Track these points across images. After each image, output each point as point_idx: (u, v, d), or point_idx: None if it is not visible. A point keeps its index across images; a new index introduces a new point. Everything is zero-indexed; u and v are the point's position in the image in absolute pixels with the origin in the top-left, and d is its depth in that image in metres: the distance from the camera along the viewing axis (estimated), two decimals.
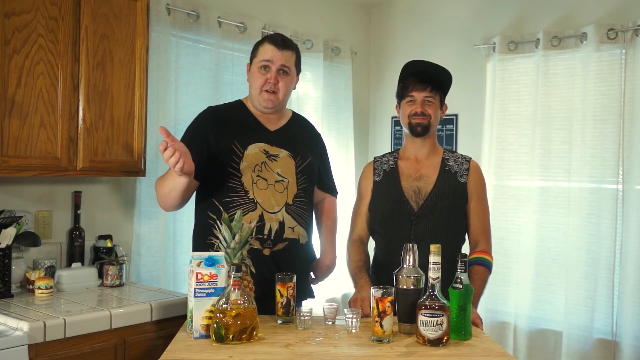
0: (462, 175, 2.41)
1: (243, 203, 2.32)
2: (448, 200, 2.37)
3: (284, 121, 2.54)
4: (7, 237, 2.45)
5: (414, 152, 2.48)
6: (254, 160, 2.38)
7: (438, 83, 2.41)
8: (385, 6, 4.54)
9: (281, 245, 2.37)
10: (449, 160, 2.45)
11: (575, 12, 3.65)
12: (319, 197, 2.64)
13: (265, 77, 2.40)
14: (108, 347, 2.26)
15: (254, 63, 2.44)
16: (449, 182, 2.39)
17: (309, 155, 2.52)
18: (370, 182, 2.51)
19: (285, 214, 2.39)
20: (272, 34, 2.54)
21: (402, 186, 2.41)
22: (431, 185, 2.39)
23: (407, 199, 2.39)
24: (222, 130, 2.40)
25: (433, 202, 2.36)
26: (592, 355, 3.50)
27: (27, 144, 2.40)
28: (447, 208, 2.37)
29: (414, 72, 2.43)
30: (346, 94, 4.29)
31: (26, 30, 2.38)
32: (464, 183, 2.40)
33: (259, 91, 2.42)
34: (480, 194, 2.45)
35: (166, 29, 3.15)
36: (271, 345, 1.88)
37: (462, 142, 4.11)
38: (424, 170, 2.43)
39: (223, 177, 2.35)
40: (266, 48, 2.41)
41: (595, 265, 3.49)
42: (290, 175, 2.44)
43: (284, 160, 2.44)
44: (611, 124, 3.47)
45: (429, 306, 1.88)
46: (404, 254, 2.02)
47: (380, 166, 2.52)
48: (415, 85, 2.39)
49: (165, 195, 2.31)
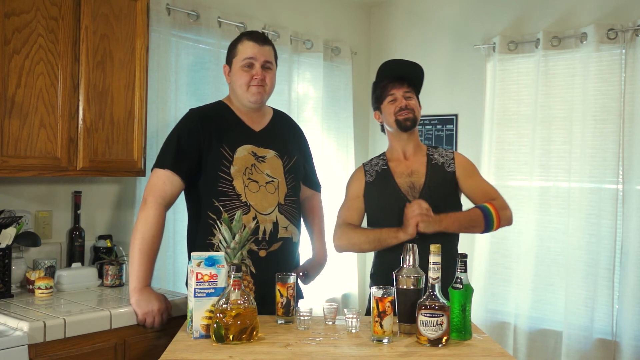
0: (449, 165, 2.49)
1: (236, 207, 2.33)
2: (441, 189, 2.44)
3: (267, 120, 2.55)
4: (7, 237, 2.45)
5: (401, 149, 2.53)
6: (244, 164, 2.38)
7: (413, 79, 2.53)
8: (385, 6, 4.54)
9: (276, 245, 2.39)
10: (434, 155, 2.53)
11: (575, 12, 3.65)
12: (304, 193, 2.66)
13: (250, 74, 2.40)
14: (108, 347, 2.26)
15: (236, 62, 2.44)
16: (438, 174, 2.47)
17: (294, 153, 2.55)
18: (361, 183, 2.53)
19: (279, 214, 2.41)
20: (248, 31, 2.55)
21: (398, 183, 2.46)
22: (423, 179, 2.45)
23: (404, 194, 2.44)
24: (211, 132, 2.39)
25: (428, 193, 2.41)
26: (592, 356, 3.50)
27: (27, 144, 2.40)
28: (441, 197, 2.42)
29: (390, 72, 2.54)
30: (346, 94, 4.28)
31: (26, 30, 2.37)
32: (452, 172, 2.48)
33: (245, 88, 2.42)
34: (472, 172, 2.53)
35: (166, 29, 3.15)
36: (271, 345, 1.88)
37: (462, 142, 4.11)
38: (414, 167, 2.49)
39: (214, 181, 2.35)
40: (247, 45, 2.42)
41: (595, 265, 3.49)
42: (279, 175, 2.45)
43: (271, 160, 2.45)
44: (611, 124, 3.47)
45: (429, 306, 1.88)
46: (404, 254, 2.03)
47: (371, 168, 2.56)
48: (393, 84, 2.48)
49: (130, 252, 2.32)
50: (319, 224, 2.72)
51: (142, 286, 2.26)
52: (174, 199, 2.38)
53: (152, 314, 2.25)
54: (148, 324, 2.26)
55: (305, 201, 2.68)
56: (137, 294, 2.25)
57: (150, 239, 2.27)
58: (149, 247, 2.26)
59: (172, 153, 2.36)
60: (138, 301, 2.25)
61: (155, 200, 2.31)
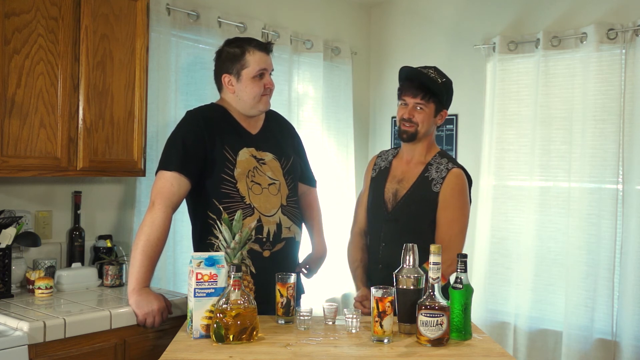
0: (437, 184, 2.38)
1: (240, 209, 2.33)
2: (416, 207, 2.38)
3: (261, 122, 2.56)
4: (7, 237, 2.45)
5: (406, 153, 2.52)
6: (247, 166, 2.40)
7: (430, 90, 2.39)
8: (385, 6, 4.54)
9: (279, 245, 2.41)
10: (432, 166, 2.42)
11: (575, 12, 3.65)
12: (300, 189, 2.67)
13: (262, 83, 2.41)
14: (108, 347, 2.26)
15: (246, 73, 2.40)
16: (422, 189, 2.39)
17: (291, 153, 2.57)
18: (369, 176, 2.60)
19: (282, 215, 2.42)
20: (250, 40, 2.48)
21: (385, 187, 2.47)
22: (406, 190, 2.42)
23: (385, 200, 2.44)
24: (213, 134, 2.39)
25: (402, 207, 2.40)
26: (592, 356, 3.49)
27: (27, 144, 2.40)
28: (413, 215, 2.38)
29: (408, 77, 2.44)
30: (346, 94, 4.28)
31: (26, 30, 2.37)
32: (436, 192, 2.37)
33: (259, 99, 2.42)
34: (449, 205, 2.37)
35: (166, 29, 3.15)
36: (271, 345, 1.88)
37: (462, 142, 4.11)
38: (408, 174, 2.46)
39: (217, 183, 2.36)
40: (257, 56, 2.40)
41: (595, 265, 3.48)
42: (279, 176, 2.47)
43: (270, 163, 2.47)
44: (611, 124, 3.47)
45: (429, 306, 1.88)
46: (404, 254, 2.03)
47: (380, 162, 2.59)
48: (407, 91, 2.41)
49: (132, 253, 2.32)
50: (317, 218, 2.75)
51: (141, 287, 2.25)
52: (181, 200, 2.38)
53: (152, 314, 2.25)
54: (148, 324, 2.26)
55: (302, 197, 2.69)
56: (135, 294, 2.25)
57: (155, 241, 2.26)
58: (152, 250, 2.26)
59: (177, 154, 2.35)
60: (137, 302, 2.25)
61: (163, 202, 2.30)
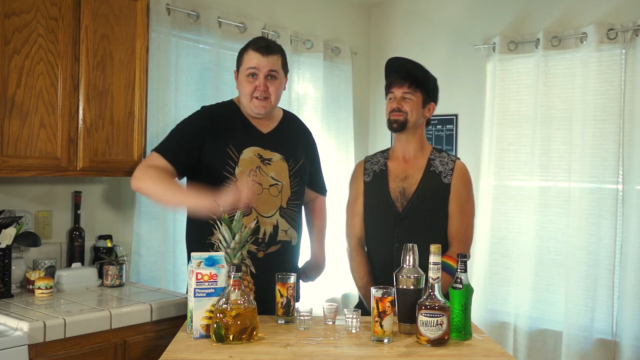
0: (447, 175, 2.39)
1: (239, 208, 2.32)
2: (430, 202, 2.37)
3: (275, 122, 2.54)
4: (7, 237, 2.45)
5: (401, 150, 2.48)
6: (249, 165, 2.39)
7: (416, 79, 2.41)
8: (385, 6, 4.54)
9: (274, 248, 2.39)
10: (435, 160, 2.44)
11: (575, 12, 3.65)
12: (309, 196, 2.66)
13: (253, 84, 2.40)
14: (108, 347, 2.26)
15: (241, 71, 2.43)
16: (432, 183, 2.38)
17: (301, 156, 2.54)
18: (361, 183, 2.52)
19: (280, 218, 2.41)
20: (255, 40, 2.49)
21: (389, 187, 2.42)
22: (415, 186, 2.39)
23: (393, 200, 2.40)
24: (217, 132, 2.40)
25: (415, 204, 2.37)
26: (592, 356, 3.50)
27: (27, 144, 2.40)
28: (428, 210, 2.36)
29: (394, 69, 2.46)
30: (346, 94, 4.28)
31: (26, 30, 2.37)
32: (448, 184, 2.38)
33: (249, 99, 2.42)
34: (461, 196, 2.41)
35: (166, 29, 3.15)
36: (271, 345, 1.88)
37: (462, 142, 4.11)
38: (410, 171, 2.43)
39: (218, 181, 2.35)
40: (251, 55, 2.40)
41: (595, 265, 3.49)
42: (284, 178, 2.45)
43: (277, 163, 2.45)
44: (611, 124, 3.47)
45: (429, 306, 1.88)
46: (404, 254, 2.03)
47: (371, 167, 2.52)
48: (395, 82, 2.41)
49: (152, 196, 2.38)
50: (320, 226, 2.71)
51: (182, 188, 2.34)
52: None
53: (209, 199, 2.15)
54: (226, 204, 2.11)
55: (309, 203, 2.68)
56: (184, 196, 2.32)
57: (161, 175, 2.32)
58: (162, 178, 2.30)
59: (171, 143, 2.41)
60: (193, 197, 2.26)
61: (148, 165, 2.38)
